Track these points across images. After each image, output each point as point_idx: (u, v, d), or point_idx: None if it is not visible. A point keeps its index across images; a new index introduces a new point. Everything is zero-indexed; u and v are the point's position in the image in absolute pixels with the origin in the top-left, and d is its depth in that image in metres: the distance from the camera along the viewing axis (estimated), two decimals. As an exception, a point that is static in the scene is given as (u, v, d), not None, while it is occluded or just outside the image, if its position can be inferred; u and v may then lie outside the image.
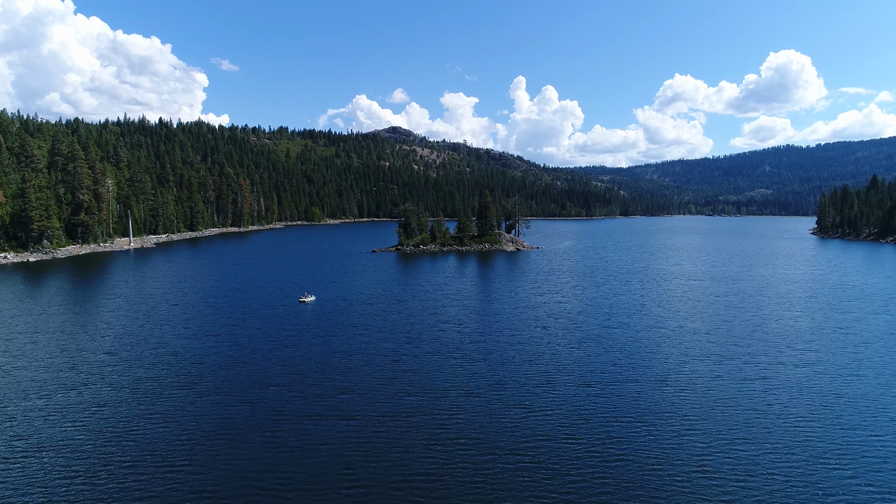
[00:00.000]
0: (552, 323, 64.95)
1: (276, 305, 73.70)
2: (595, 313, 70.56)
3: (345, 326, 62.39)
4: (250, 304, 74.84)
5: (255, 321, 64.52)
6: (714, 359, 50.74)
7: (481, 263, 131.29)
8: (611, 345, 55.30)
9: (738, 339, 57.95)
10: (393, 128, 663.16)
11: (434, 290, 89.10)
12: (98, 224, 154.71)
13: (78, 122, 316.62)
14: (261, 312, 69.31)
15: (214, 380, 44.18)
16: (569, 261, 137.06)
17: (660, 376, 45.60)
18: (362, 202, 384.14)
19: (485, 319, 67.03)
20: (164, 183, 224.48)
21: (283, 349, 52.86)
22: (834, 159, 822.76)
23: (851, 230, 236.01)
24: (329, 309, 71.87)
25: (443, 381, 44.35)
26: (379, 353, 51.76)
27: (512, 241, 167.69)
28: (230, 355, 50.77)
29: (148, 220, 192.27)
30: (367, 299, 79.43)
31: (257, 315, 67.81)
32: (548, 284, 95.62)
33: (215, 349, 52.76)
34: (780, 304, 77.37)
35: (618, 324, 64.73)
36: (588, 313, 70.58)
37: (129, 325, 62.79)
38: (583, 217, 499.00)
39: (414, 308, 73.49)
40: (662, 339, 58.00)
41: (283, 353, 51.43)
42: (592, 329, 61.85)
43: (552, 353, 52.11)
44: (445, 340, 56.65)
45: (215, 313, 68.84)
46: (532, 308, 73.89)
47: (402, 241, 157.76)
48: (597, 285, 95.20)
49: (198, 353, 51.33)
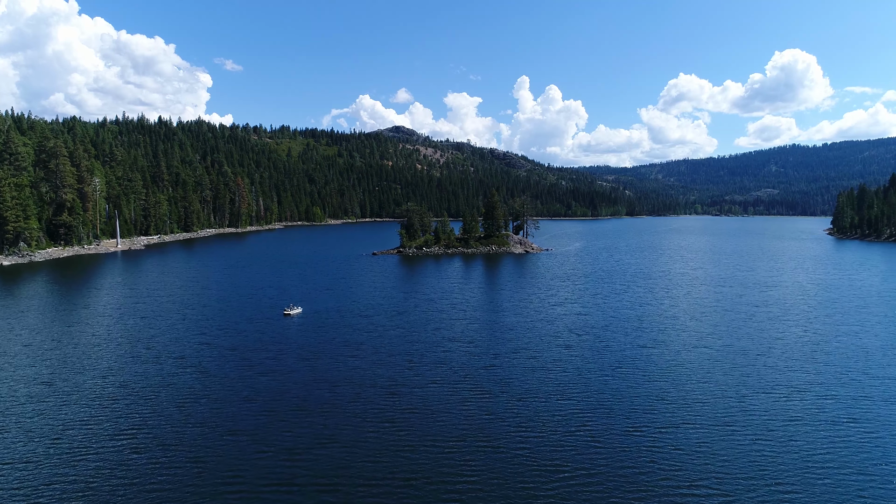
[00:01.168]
0: (576, 341, 55.79)
1: (257, 319, 64.70)
2: (624, 328, 61.39)
3: (334, 346, 53.36)
4: (229, 316, 65.90)
5: (229, 339, 55.53)
6: (782, 391, 41.50)
7: (489, 267, 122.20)
8: (651, 371, 46.12)
9: (801, 364, 48.65)
10: (396, 127, 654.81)
11: (438, 298, 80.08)
12: (83, 225, 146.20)
13: (74, 121, 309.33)
14: (239, 328, 60.35)
15: (160, 424, 35.21)
16: (582, 264, 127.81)
17: (723, 416, 36.43)
18: (365, 202, 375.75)
19: (497, 337, 57.94)
20: (159, 182, 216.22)
21: (254, 378, 43.80)
22: (841, 159, 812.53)
23: (872, 231, 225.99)
24: (317, 323, 62.84)
25: (452, 426, 35.28)
26: (372, 384, 42.73)
27: (520, 243, 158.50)
28: (188, 388, 41.73)
29: (139, 221, 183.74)
30: (363, 310, 70.40)
31: (234, 331, 58.84)
32: (564, 292, 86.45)
33: (173, 379, 43.74)
34: (832, 317, 67.97)
35: (652, 342, 55.54)
36: (616, 328, 61.40)
37: (82, 344, 53.91)
38: (588, 217, 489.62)
39: (415, 322, 64.44)
40: (710, 363, 48.76)
41: (255, 385, 42.40)
42: (625, 349, 52.68)
43: (583, 384, 42.97)
44: (453, 365, 47.58)
45: (187, 329, 59.95)
46: (550, 322, 64.72)
47: (404, 242, 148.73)
48: (618, 293, 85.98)
49: (150, 386, 42.36)
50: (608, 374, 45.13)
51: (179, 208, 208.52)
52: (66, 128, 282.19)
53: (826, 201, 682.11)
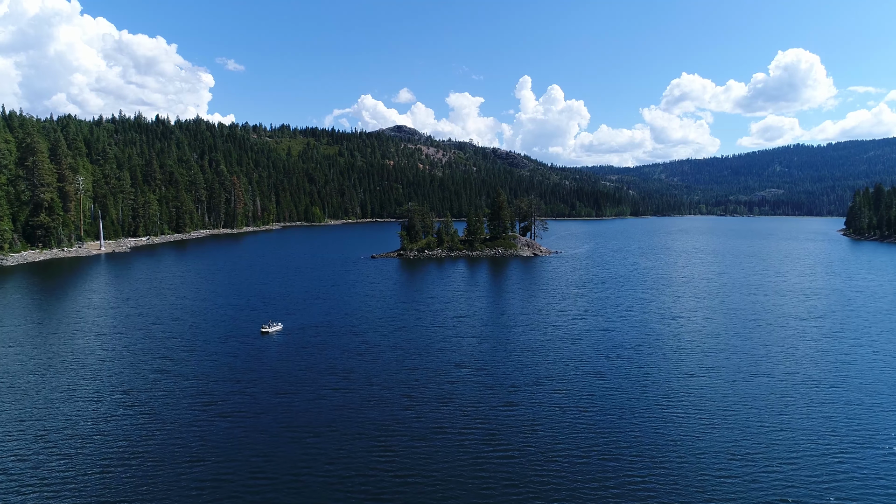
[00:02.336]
0: (608, 367, 46.64)
1: (230, 338, 55.58)
2: (661, 350, 52.23)
3: (317, 375, 44.26)
4: (198, 334, 56.82)
5: (191, 366, 46.43)
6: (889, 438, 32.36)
7: (496, 272, 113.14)
8: (711, 410, 36.91)
9: (888, 396, 39.50)
10: (398, 126, 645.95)
11: (442, 309, 71.00)
12: (63, 226, 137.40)
13: (69, 118, 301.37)
14: (206, 350, 51.29)
15: (86, 486, 26.22)
16: (597, 268, 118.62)
17: (825, 478, 27.31)
18: (365, 202, 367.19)
19: (513, 361, 48.81)
20: (151, 181, 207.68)
21: (209, 425, 34.62)
22: (846, 158, 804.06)
23: (891, 231, 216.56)
24: (300, 343, 53.71)
25: (461, 499, 26.23)
26: (359, 433, 33.64)
27: (528, 245, 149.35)
28: (121, 442, 32.57)
29: (127, 222, 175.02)
30: (356, 326, 61.32)
31: (199, 354, 49.76)
32: (583, 302, 77.28)
33: (104, 427, 34.63)
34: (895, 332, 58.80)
35: (700, 368, 46.35)
36: (651, 349, 52.26)
37: (16, 371, 44.95)
38: (593, 217, 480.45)
39: (416, 341, 55.37)
40: (780, 399, 39.51)
41: (208, 435, 33.28)
42: (670, 379, 43.50)
43: (628, 428, 33.86)
44: (462, 402, 38.53)
45: (146, 350, 50.93)
46: (573, 340, 55.56)
47: (404, 244, 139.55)
48: (643, 303, 76.80)
49: (74, 437, 33.36)
50: (657, 416, 35.99)
51: (171, 208, 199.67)
52: (60, 126, 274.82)
53: (832, 201, 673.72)
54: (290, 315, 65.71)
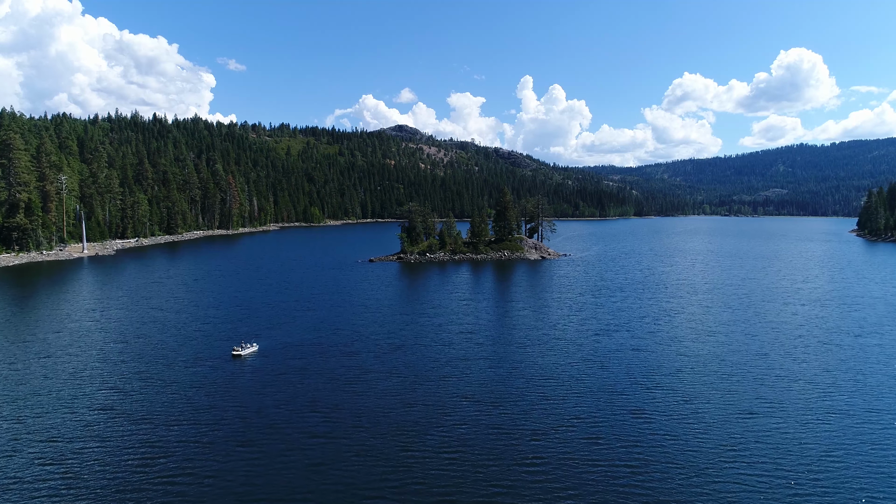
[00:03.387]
0: (647, 401, 38.47)
1: (197, 360, 47.38)
2: (704, 378, 44.00)
3: (293, 413, 36.06)
4: (162, 357, 48.60)
5: (143, 400, 38.22)
6: None
7: (503, 278, 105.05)
8: (796, 473, 28.79)
9: None
10: (399, 126, 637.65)
11: (446, 323, 62.86)
12: (43, 228, 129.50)
13: (64, 117, 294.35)
14: (165, 377, 43.12)
15: None
16: (610, 272, 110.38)
17: None
18: (366, 202, 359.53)
19: (532, 393, 40.64)
20: (143, 181, 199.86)
21: (144, 492, 26.58)
22: (850, 158, 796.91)
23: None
24: (277, 369, 45.47)
25: None
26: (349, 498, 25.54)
27: (535, 248, 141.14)
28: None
29: (114, 223, 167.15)
30: (346, 345, 53.16)
31: (156, 384, 41.60)
32: (603, 314, 69.02)
33: (15, 493, 26.67)
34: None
35: (761, 404, 38.09)
36: (692, 376, 44.04)
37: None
38: (597, 217, 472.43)
39: (416, 365, 47.21)
40: (879, 447, 31.43)
41: (145, 500, 25.25)
42: (728, 420, 35.24)
43: (687, 491, 25.74)
44: (472, 457, 30.27)
45: (93, 379, 42.78)
46: (602, 365, 47.33)
47: (405, 247, 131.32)
48: (670, 314, 68.56)
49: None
50: (723, 475, 27.80)
51: (162, 209, 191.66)
52: (54, 124, 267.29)
53: (837, 201, 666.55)
54: (271, 330, 57.58)
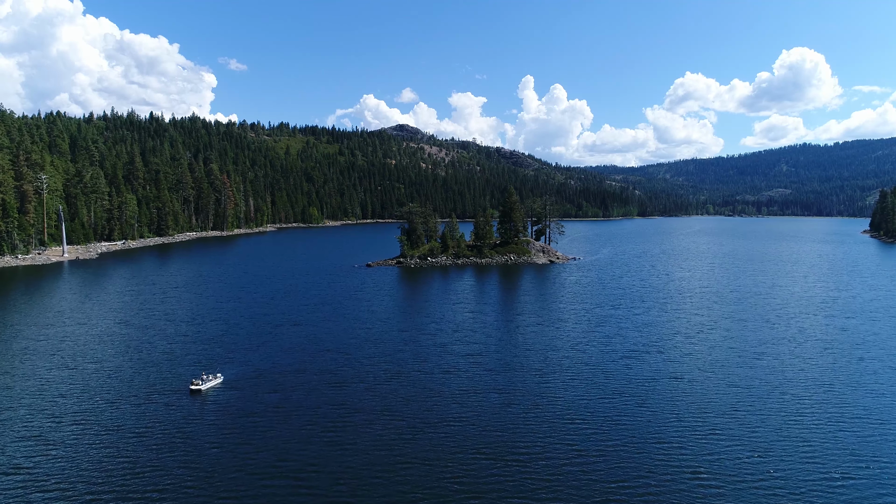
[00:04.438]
0: (702, 455, 30.49)
1: (147, 398, 39.20)
2: (771, 418, 36.04)
3: (256, 481, 28.11)
4: (109, 390, 40.47)
5: (73, 453, 30.15)
6: None
7: (510, 285, 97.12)
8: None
9: None
10: (400, 125, 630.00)
11: (450, 343, 54.90)
12: (19, 230, 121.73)
13: (58, 115, 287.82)
14: (108, 420, 35.10)
15: None
16: (627, 279, 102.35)
17: None
18: (366, 202, 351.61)
19: (561, 439, 32.70)
20: (133, 180, 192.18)
21: None
22: (853, 158, 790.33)
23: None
24: (243, 407, 37.34)
25: None
26: None
27: (543, 251, 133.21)
28: None
29: (100, 225, 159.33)
30: (332, 372, 45.15)
31: (96, 428, 33.57)
32: (629, 329, 60.99)
33: None
34: None
35: (855, 468, 30.24)
36: (754, 421, 36.06)
37: None
38: (600, 218, 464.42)
39: (415, 401, 39.23)
40: None
41: None
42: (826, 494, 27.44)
43: None
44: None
45: (21, 420, 34.90)
46: (641, 401, 39.27)
47: (405, 251, 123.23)
48: (701, 329, 60.54)
49: None
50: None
51: (152, 209, 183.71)
52: (47, 122, 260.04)
53: (842, 201, 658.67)
54: (247, 352, 49.62)
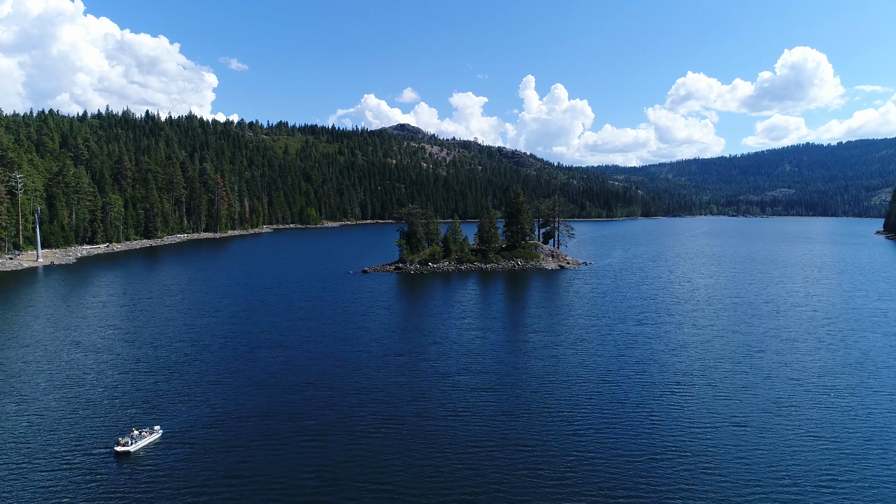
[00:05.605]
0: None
1: (63, 463, 30.01)
2: (848, 481, 27.54)
3: None
4: (11, 451, 31.93)
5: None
6: None
7: (518, 295, 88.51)
8: None
9: None
10: (401, 125, 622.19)
11: (454, 373, 46.23)
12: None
13: (50, 114, 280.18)
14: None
15: None
16: (646, 287, 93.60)
17: None
18: (366, 202, 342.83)
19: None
20: (121, 180, 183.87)
21: None
22: (857, 158, 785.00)
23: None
24: (183, 478, 28.36)
25: None
26: None
27: (552, 255, 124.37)
28: None
29: (82, 227, 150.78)
30: (309, 416, 36.37)
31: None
32: (661, 350, 52.30)
33: None
34: None
35: None
36: (837, 478, 27.56)
37: None
38: (604, 218, 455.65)
39: (414, 456, 30.56)
40: None
41: None
42: None
43: None
44: None
45: None
46: (714, 465, 30.74)
47: (404, 255, 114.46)
48: (751, 353, 51.81)
49: None
50: None
51: (139, 210, 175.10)
52: (39, 120, 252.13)
53: (846, 201, 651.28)
54: (206, 388, 40.83)
